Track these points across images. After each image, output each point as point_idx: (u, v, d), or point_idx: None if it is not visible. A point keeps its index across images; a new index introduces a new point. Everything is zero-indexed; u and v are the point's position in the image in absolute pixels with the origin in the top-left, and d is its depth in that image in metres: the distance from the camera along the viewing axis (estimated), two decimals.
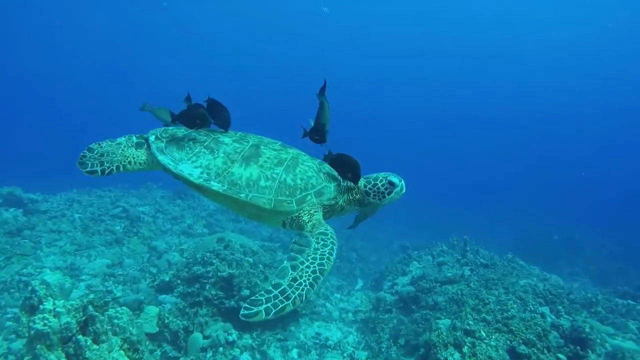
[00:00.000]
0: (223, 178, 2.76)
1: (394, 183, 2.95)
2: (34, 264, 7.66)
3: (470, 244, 10.16)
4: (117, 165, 2.95)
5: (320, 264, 2.51)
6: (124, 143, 3.05)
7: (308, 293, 2.37)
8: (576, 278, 15.33)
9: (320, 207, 2.92)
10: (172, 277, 7.19)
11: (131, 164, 3.01)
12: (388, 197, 2.98)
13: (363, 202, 3.07)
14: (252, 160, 2.85)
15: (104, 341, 3.67)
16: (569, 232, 19.80)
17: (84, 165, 2.88)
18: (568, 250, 17.94)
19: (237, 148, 2.92)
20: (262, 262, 8.00)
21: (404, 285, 8.81)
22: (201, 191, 2.92)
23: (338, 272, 13.67)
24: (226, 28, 46.54)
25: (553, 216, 23.85)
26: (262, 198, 2.71)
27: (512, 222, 22.84)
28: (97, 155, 2.93)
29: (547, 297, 7.64)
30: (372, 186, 2.99)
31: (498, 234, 19.60)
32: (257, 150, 2.91)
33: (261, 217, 2.96)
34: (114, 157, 2.96)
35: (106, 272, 8.01)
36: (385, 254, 16.03)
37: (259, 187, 2.74)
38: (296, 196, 2.79)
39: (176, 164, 2.85)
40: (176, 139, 3.01)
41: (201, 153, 2.89)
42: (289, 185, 2.80)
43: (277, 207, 2.74)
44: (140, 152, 3.06)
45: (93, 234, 9.72)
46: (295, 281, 2.39)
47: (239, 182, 2.74)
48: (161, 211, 12.35)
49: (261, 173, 2.79)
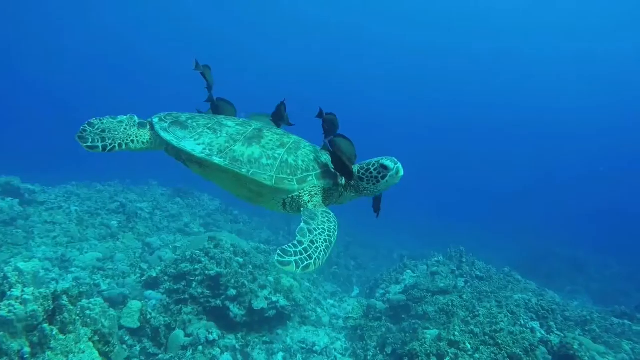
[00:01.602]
0: (225, 154, 2.74)
1: (387, 166, 2.78)
2: (24, 254, 7.66)
3: (466, 255, 10.01)
4: (120, 142, 2.95)
5: (329, 235, 2.59)
6: (125, 121, 3.06)
7: (323, 258, 2.47)
8: (577, 296, 15.06)
9: (321, 191, 2.90)
10: (159, 273, 7.15)
11: (134, 142, 3.03)
12: (383, 181, 2.83)
13: (359, 189, 2.96)
14: (254, 140, 2.85)
15: (71, 331, 3.61)
16: (572, 250, 19.51)
17: (84, 140, 2.85)
18: (570, 268, 17.67)
19: (240, 130, 2.94)
20: (252, 263, 7.92)
21: (396, 293, 8.68)
22: (202, 167, 2.89)
23: (334, 278, 13.56)
24: (229, 24, 46.97)
25: (557, 233, 23.55)
26: (264, 174, 2.70)
27: (516, 236, 22.60)
28: (98, 130, 2.93)
29: (539, 313, 7.46)
30: (364, 171, 2.86)
31: (501, 248, 19.39)
32: (260, 133, 2.92)
33: (262, 195, 2.91)
34: (115, 134, 2.96)
35: (96, 266, 7.98)
36: (385, 263, 15.88)
37: (260, 164, 2.72)
38: (297, 175, 2.77)
39: (179, 141, 2.85)
40: (179, 121, 3.04)
41: (204, 133, 2.91)
42: (291, 164, 2.78)
43: (278, 184, 2.71)
44: (143, 132, 3.08)
45: (87, 227, 9.72)
46: (314, 244, 2.48)
47: (240, 159, 2.73)
48: (159, 208, 12.34)
49: (263, 152, 2.78)
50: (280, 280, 8.05)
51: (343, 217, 10.60)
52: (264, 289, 7.45)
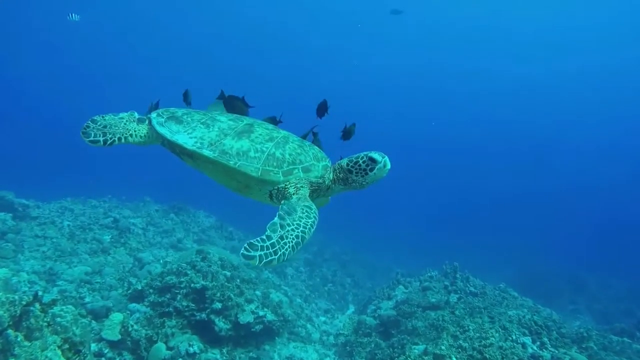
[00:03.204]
0: (215, 147, 2.87)
1: (375, 159, 2.90)
2: (11, 267, 7.61)
3: (460, 271, 9.86)
4: (119, 136, 3.15)
5: (303, 231, 2.62)
6: (126, 117, 3.29)
7: (290, 254, 2.50)
8: (578, 316, 14.75)
9: (307, 184, 2.99)
10: (144, 285, 7.07)
11: (132, 137, 3.22)
12: (371, 173, 2.95)
13: (347, 181, 3.07)
14: (244, 135, 2.97)
15: (37, 338, 3.55)
16: (572, 269, 19.22)
17: (87, 135, 3.06)
18: (571, 287, 17.37)
19: (232, 125, 3.08)
20: (240, 277, 7.84)
21: (387, 309, 8.53)
22: (193, 159, 3.02)
23: (329, 295, 13.40)
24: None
25: (558, 252, 23.26)
26: (250, 166, 2.81)
27: (514, 253, 22.34)
28: (100, 126, 3.14)
29: (532, 328, 7.28)
30: (353, 164, 2.99)
31: (499, 265, 19.16)
32: (250, 128, 3.05)
33: (249, 187, 3.02)
34: (116, 129, 3.17)
35: (83, 279, 7.89)
36: (382, 281, 15.69)
37: (248, 157, 2.84)
38: (283, 168, 2.87)
39: (172, 134, 3.00)
40: (175, 116, 3.18)
41: (197, 127, 3.05)
42: (277, 157, 2.89)
43: (264, 176, 2.82)
44: (142, 127, 3.29)
45: (79, 241, 9.68)
46: (282, 239, 2.51)
47: (229, 152, 2.85)
48: (153, 224, 12.30)
49: (251, 146, 2.89)
50: (268, 295, 7.95)
51: (341, 235, 10.59)
52: (251, 303, 7.34)
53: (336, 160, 3.20)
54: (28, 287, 6.94)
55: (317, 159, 3.04)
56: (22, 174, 21.53)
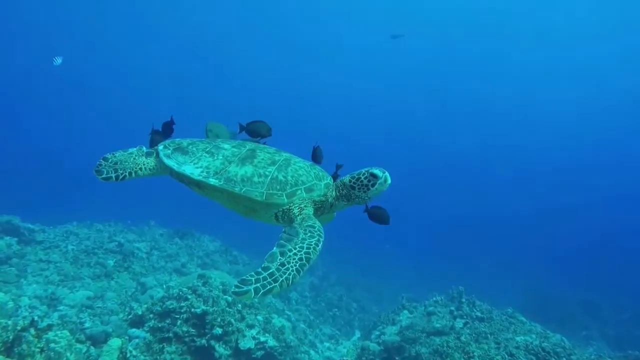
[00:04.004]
0: (220, 175, 3.01)
1: (377, 175, 3.05)
2: (13, 291, 7.62)
3: (466, 295, 9.67)
4: (130, 171, 3.34)
5: (307, 252, 2.66)
6: (135, 152, 3.49)
7: (294, 278, 2.52)
8: (592, 342, 14.35)
9: (311, 203, 3.13)
10: (145, 310, 7.01)
11: (142, 170, 3.41)
12: (373, 189, 3.08)
13: (350, 197, 3.21)
14: (247, 161, 3.12)
15: None
16: (584, 292, 18.76)
17: (100, 173, 3.28)
18: (583, 311, 16.94)
19: (235, 152, 3.22)
20: (242, 302, 7.76)
21: (391, 334, 8.37)
22: (200, 188, 3.18)
23: (334, 321, 13.21)
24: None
25: (565, 274, 22.81)
26: (255, 191, 2.94)
27: (522, 276, 21.91)
28: (111, 163, 3.35)
29: (540, 355, 7.09)
30: (355, 180, 3.13)
31: (508, 289, 18.77)
32: (253, 153, 3.20)
33: (255, 210, 3.16)
34: (126, 164, 3.37)
35: (85, 304, 7.89)
36: (389, 306, 15.44)
37: (252, 182, 2.97)
38: (286, 190, 2.99)
39: (179, 165, 3.17)
40: (181, 147, 3.35)
41: (202, 157, 3.20)
42: (280, 180, 3.01)
43: (269, 199, 2.95)
44: (150, 160, 3.48)
45: (82, 266, 9.69)
46: (283, 266, 2.54)
47: (234, 179, 2.99)
48: (157, 248, 12.32)
49: (255, 171, 3.03)
50: (270, 320, 7.85)
51: (348, 259, 10.49)
52: (252, 328, 7.25)
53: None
54: (29, 312, 6.93)
55: (318, 178, 3.17)
56: (29, 198, 21.78)
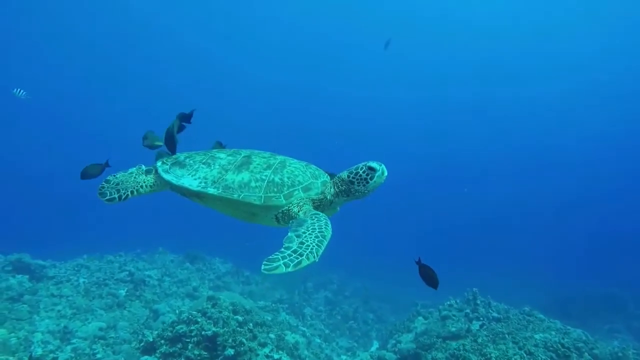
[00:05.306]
0: (218, 184, 3.10)
1: (374, 168, 3.10)
2: (26, 328, 7.66)
3: (480, 296, 9.51)
4: (132, 190, 3.42)
5: (321, 230, 2.75)
6: (135, 172, 3.62)
7: (317, 251, 2.58)
8: (616, 335, 13.97)
9: (309, 201, 3.17)
10: (156, 337, 6.98)
11: (143, 188, 3.50)
12: (372, 182, 3.13)
13: (350, 192, 3.24)
14: (243, 167, 3.20)
15: None
16: (605, 288, 18.30)
17: (103, 195, 3.34)
18: (607, 306, 16.49)
19: (231, 160, 3.31)
20: (253, 321, 7.70)
21: (407, 342, 8.24)
22: (200, 198, 3.27)
23: (351, 333, 13.06)
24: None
25: (588, 272, 22.35)
26: (253, 196, 3.02)
27: (543, 279, 21.47)
28: (113, 185, 3.44)
29: (560, 351, 6.90)
30: (354, 175, 3.17)
31: (528, 293, 18.40)
32: (248, 160, 3.28)
33: (256, 214, 3.23)
34: (127, 184, 3.46)
35: (97, 335, 7.89)
36: (405, 315, 15.25)
37: (249, 188, 3.05)
38: (284, 192, 3.06)
39: (178, 179, 3.27)
40: (179, 161, 3.48)
41: (200, 168, 3.30)
42: (277, 183, 3.09)
43: (267, 202, 3.02)
44: (150, 177, 3.57)
45: (94, 297, 9.73)
46: (303, 244, 2.61)
47: (232, 186, 3.07)
48: (168, 274, 12.33)
49: (252, 176, 3.11)
50: (283, 337, 7.78)
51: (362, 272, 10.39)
52: (265, 346, 7.17)
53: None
54: (42, 348, 6.94)
55: (315, 176, 3.23)
56: (39, 235, 21.98)
